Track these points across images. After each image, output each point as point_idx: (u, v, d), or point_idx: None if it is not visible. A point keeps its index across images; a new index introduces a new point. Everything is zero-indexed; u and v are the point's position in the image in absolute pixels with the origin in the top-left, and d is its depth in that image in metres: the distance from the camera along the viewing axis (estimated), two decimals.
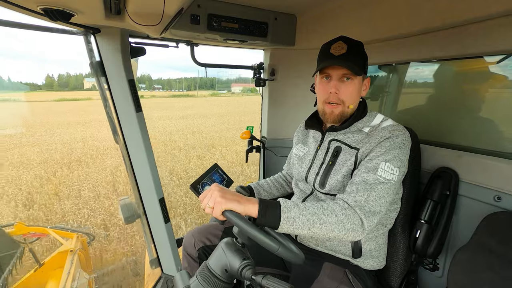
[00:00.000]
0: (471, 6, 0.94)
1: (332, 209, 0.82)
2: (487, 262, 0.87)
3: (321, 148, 1.12)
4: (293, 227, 0.78)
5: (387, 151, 0.91)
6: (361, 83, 1.02)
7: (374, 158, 0.92)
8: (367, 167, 0.91)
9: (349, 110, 1.03)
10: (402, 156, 0.92)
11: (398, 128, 0.97)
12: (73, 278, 2.19)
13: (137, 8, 0.94)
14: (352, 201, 0.85)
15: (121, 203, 1.67)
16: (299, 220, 0.78)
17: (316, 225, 0.78)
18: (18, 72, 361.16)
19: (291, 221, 0.77)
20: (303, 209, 0.79)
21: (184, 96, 70.20)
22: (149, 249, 1.80)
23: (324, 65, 0.98)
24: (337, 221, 0.80)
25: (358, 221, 0.82)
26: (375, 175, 0.88)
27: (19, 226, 2.61)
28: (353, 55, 0.96)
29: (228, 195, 0.77)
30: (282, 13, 1.55)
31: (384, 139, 0.94)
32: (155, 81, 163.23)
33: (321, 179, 1.06)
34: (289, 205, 0.80)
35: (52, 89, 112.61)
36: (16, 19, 1.06)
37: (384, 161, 0.90)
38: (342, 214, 0.81)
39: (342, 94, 0.99)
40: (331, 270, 1.00)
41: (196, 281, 0.75)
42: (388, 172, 0.88)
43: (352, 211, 0.83)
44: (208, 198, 0.78)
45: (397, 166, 0.90)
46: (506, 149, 1.10)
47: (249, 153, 2.10)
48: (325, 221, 0.79)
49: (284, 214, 0.77)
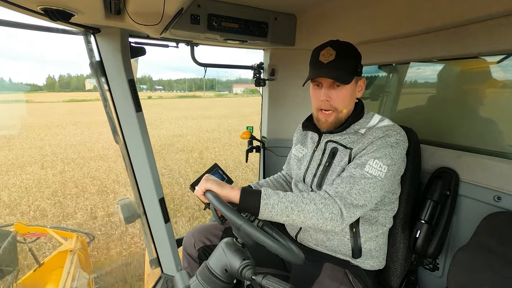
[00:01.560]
0: (472, 6, 0.94)
1: (312, 198, 0.85)
2: (487, 262, 0.87)
3: (318, 149, 1.12)
4: (272, 213, 0.82)
5: (377, 149, 0.92)
6: (354, 86, 1.01)
7: (364, 155, 0.93)
8: (356, 163, 0.92)
9: (343, 115, 1.03)
10: (394, 155, 0.92)
11: (392, 128, 0.96)
12: (73, 278, 2.20)
13: (137, 8, 0.94)
14: (333, 192, 0.87)
15: (121, 203, 1.67)
16: (277, 206, 0.82)
17: (294, 212, 0.82)
18: (18, 73, 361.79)
19: (270, 208, 0.81)
20: (282, 197, 0.83)
21: (190, 97, 70.95)
22: (149, 249, 1.79)
23: (312, 76, 0.99)
24: (315, 209, 0.83)
25: (338, 211, 0.84)
26: (362, 170, 0.89)
27: (19, 225, 2.61)
28: (342, 62, 0.95)
29: (213, 180, 0.87)
30: (282, 13, 1.55)
31: (377, 138, 0.94)
32: (156, 82, 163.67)
33: (318, 180, 1.06)
34: (269, 192, 0.84)
35: (53, 90, 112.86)
36: (16, 19, 1.06)
37: (373, 158, 0.90)
38: (321, 203, 0.84)
39: (334, 101, 0.99)
40: (332, 270, 1.00)
41: (196, 281, 0.75)
42: (376, 168, 0.89)
43: (332, 200, 0.85)
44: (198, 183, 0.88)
45: (387, 164, 0.90)
46: (506, 149, 1.10)
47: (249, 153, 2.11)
48: (303, 209, 0.82)
49: (263, 200, 0.82)
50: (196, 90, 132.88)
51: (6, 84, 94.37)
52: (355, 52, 1.00)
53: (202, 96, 76.82)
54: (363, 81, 1.05)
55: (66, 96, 55.29)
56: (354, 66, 0.98)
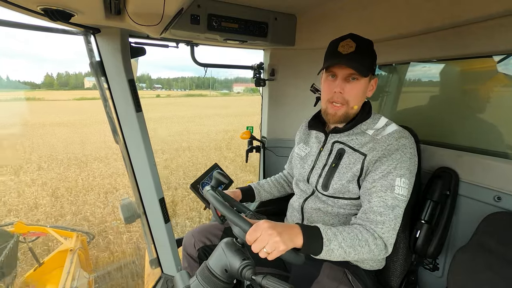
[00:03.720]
0: (472, 6, 0.94)
1: (366, 240, 0.86)
2: (487, 262, 0.87)
3: (324, 149, 1.11)
4: (331, 257, 0.83)
5: (399, 165, 0.91)
6: (367, 84, 1.00)
7: (387, 173, 0.91)
8: (383, 185, 0.91)
9: (353, 111, 1.01)
10: (412, 167, 0.93)
11: (404, 135, 0.96)
12: (73, 278, 2.20)
13: (137, 8, 0.94)
14: (380, 233, 0.88)
15: (121, 203, 1.67)
16: (337, 252, 0.82)
17: (351, 255, 0.83)
18: (15, 70, 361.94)
19: (330, 252, 0.81)
20: (341, 241, 0.82)
21: (197, 95, 71.17)
22: (149, 249, 1.80)
23: (330, 64, 0.96)
24: (368, 250, 0.85)
25: (383, 246, 0.88)
26: (392, 193, 0.89)
27: (18, 225, 2.61)
28: (361, 55, 0.93)
29: (280, 231, 0.73)
30: (282, 13, 1.55)
31: (394, 151, 0.93)
32: (154, 81, 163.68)
33: (324, 181, 1.05)
34: (330, 237, 0.82)
35: (52, 88, 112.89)
36: (16, 19, 1.06)
37: (399, 176, 0.90)
38: (374, 244, 0.86)
39: (347, 94, 0.98)
40: (331, 270, 1.00)
41: (196, 281, 0.75)
42: (403, 187, 0.90)
43: (381, 241, 0.88)
44: (262, 240, 0.71)
45: (409, 178, 0.91)
46: (506, 149, 1.10)
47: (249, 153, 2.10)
48: (359, 251, 0.84)
49: (325, 247, 0.80)
50: (196, 89, 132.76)
51: (4, 82, 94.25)
52: (373, 51, 1.00)
53: (209, 94, 77.00)
54: (375, 81, 1.04)
55: (76, 94, 55.32)
56: (371, 63, 0.98)
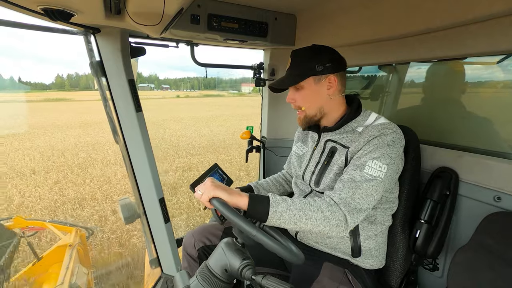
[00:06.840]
0: (472, 6, 0.94)
1: (319, 205, 0.86)
2: (487, 262, 0.87)
3: (317, 148, 1.13)
4: (280, 221, 0.82)
5: (374, 149, 0.92)
6: (313, 86, 1.01)
7: (362, 156, 0.93)
8: (355, 165, 0.93)
9: (312, 113, 1.06)
10: (392, 154, 0.92)
11: (388, 126, 0.96)
12: (71, 273, 2.18)
13: (137, 8, 0.94)
14: (337, 198, 0.89)
15: (121, 203, 1.67)
16: (286, 214, 0.82)
17: (302, 220, 0.83)
18: (24, 70, 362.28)
19: (278, 215, 0.82)
20: (290, 204, 0.84)
21: (215, 96, 72.10)
22: (149, 249, 1.79)
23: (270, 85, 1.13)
24: (322, 217, 0.84)
25: (343, 218, 0.86)
26: (361, 172, 0.90)
27: (17, 219, 2.60)
28: (296, 67, 1.03)
29: (218, 185, 0.84)
30: (282, 13, 1.55)
31: (373, 137, 0.94)
32: (162, 81, 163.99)
33: (316, 178, 1.08)
34: (278, 200, 0.84)
35: (63, 89, 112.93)
36: (16, 19, 1.06)
37: (372, 158, 0.91)
38: (328, 210, 0.85)
39: (298, 101, 1.07)
40: (331, 270, 1.00)
41: (196, 281, 0.75)
42: (376, 169, 0.90)
43: (337, 207, 0.87)
44: (201, 186, 0.85)
45: (386, 163, 0.90)
46: (506, 149, 1.10)
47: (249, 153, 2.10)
48: (311, 217, 0.83)
49: (272, 208, 0.82)
50: (204, 89, 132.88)
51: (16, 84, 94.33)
52: (312, 53, 1.02)
53: (226, 94, 77.52)
54: (333, 78, 1.01)
55: (91, 95, 55.61)
56: (310, 67, 1.00)
